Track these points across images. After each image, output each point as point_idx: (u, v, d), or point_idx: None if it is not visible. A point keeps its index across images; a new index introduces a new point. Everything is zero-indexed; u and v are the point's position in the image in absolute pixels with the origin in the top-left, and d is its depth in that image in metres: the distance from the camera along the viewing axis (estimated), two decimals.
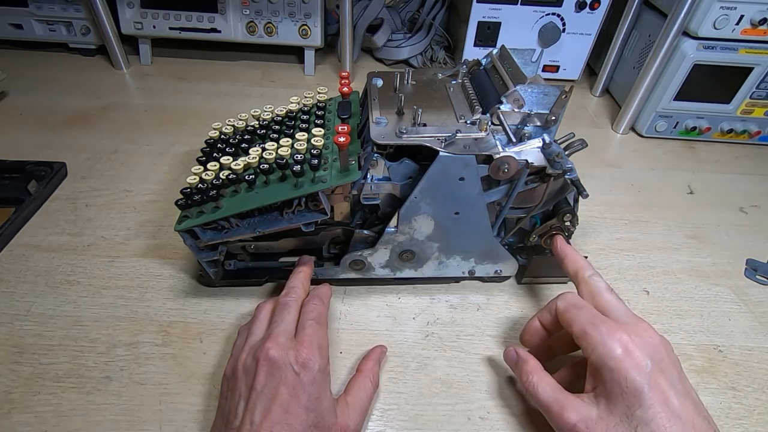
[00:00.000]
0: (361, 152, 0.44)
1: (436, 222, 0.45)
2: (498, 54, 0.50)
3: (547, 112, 0.44)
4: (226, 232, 0.43)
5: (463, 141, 0.42)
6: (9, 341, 0.44)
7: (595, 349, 0.34)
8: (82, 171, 0.65)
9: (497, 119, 0.44)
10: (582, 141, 0.45)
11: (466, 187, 0.43)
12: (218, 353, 0.44)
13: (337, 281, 0.50)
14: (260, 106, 0.54)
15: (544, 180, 0.45)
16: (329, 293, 0.43)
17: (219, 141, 0.49)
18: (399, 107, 0.45)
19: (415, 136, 0.42)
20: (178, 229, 0.42)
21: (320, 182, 0.41)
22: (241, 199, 0.43)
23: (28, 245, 0.54)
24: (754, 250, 0.60)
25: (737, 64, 0.70)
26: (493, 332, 0.48)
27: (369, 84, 0.51)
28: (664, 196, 0.69)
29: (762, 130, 0.78)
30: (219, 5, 0.85)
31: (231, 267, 0.49)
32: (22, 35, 0.90)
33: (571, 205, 0.48)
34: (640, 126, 0.80)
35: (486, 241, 0.48)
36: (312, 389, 0.34)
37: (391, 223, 0.45)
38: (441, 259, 0.49)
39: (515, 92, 0.44)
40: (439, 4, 0.98)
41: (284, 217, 0.43)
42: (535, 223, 0.49)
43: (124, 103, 0.81)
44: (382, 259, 0.48)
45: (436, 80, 0.52)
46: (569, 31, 0.87)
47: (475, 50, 0.89)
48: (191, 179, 0.43)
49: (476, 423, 0.41)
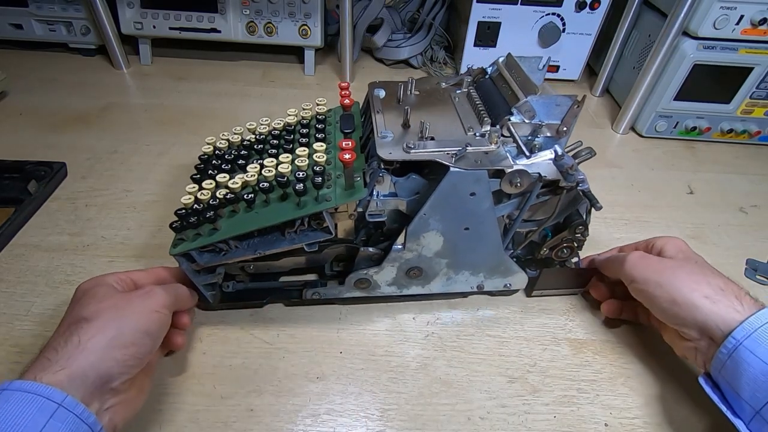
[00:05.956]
0: (366, 168, 0.43)
1: (446, 238, 0.44)
2: (504, 62, 0.49)
3: (558, 123, 0.43)
4: (225, 254, 0.41)
5: (474, 155, 0.41)
6: (9, 341, 0.44)
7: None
8: (82, 171, 0.65)
9: (507, 131, 0.42)
10: (590, 150, 0.44)
11: (476, 202, 0.41)
12: (218, 353, 0.44)
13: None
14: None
15: (556, 192, 0.44)
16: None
17: (214, 157, 0.47)
18: (405, 120, 0.44)
19: (423, 151, 0.40)
20: (173, 254, 0.40)
21: (325, 201, 0.39)
22: (241, 220, 0.41)
23: (28, 245, 0.54)
24: (754, 250, 0.60)
25: (737, 64, 0.70)
26: (493, 332, 0.48)
27: (371, 95, 0.50)
28: (664, 196, 0.69)
29: (762, 130, 0.78)
30: (219, 5, 0.85)
31: (229, 289, 0.48)
32: (22, 35, 0.90)
33: (583, 217, 0.46)
34: (640, 126, 0.80)
35: (496, 256, 0.46)
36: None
37: (398, 240, 0.43)
38: (449, 274, 0.47)
39: (527, 103, 0.42)
40: (439, 4, 0.98)
41: (286, 237, 0.41)
42: (546, 235, 0.48)
43: (124, 103, 0.81)
44: (389, 277, 0.46)
45: (440, 90, 0.51)
46: (569, 31, 0.87)
47: (475, 50, 0.89)
48: (186, 199, 0.41)
49: (476, 423, 0.41)
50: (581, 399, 0.43)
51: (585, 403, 0.43)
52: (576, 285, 0.52)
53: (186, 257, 0.41)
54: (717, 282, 0.39)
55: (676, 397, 0.44)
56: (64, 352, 0.31)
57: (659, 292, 0.40)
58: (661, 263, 0.43)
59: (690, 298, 0.38)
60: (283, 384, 0.43)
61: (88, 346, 0.32)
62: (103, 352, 0.32)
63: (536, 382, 0.44)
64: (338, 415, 0.41)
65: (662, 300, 0.40)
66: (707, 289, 0.39)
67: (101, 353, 0.32)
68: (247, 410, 0.41)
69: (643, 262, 0.43)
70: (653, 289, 0.41)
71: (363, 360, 0.45)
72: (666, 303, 0.40)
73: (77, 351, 0.31)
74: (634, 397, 0.44)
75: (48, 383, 0.29)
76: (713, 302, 0.38)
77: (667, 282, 0.40)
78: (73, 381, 0.30)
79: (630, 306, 0.48)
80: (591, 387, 0.44)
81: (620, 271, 0.44)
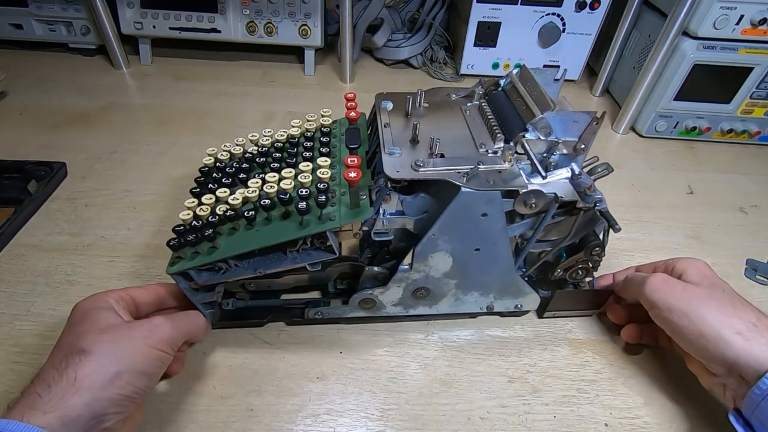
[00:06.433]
0: (372, 184, 0.41)
1: (455, 259, 0.42)
2: (518, 74, 0.46)
3: (575, 140, 0.41)
4: (224, 272, 0.40)
5: (486, 174, 0.38)
6: (9, 341, 0.44)
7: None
8: (81, 171, 0.65)
9: (522, 148, 0.40)
10: (607, 165, 0.42)
11: (488, 223, 0.39)
12: (218, 353, 0.44)
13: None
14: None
15: (572, 213, 0.41)
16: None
17: (214, 170, 0.45)
18: (413, 135, 0.42)
19: (433, 169, 0.38)
20: (170, 272, 0.38)
21: (329, 221, 0.37)
22: (241, 239, 0.39)
23: (28, 245, 0.54)
24: (754, 250, 0.60)
25: (737, 64, 0.70)
26: (493, 332, 0.48)
27: (378, 107, 0.48)
28: (664, 196, 0.69)
29: (762, 130, 0.78)
30: (219, 5, 0.85)
31: (229, 307, 0.46)
32: (22, 35, 0.90)
33: (600, 239, 0.44)
34: (640, 126, 0.80)
35: (507, 276, 0.44)
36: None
37: (405, 260, 0.41)
38: (458, 295, 0.45)
39: (543, 119, 0.40)
40: (439, 4, 0.98)
41: (288, 256, 0.40)
42: (560, 255, 0.46)
43: (123, 103, 0.81)
44: (395, 297, 0.44)
45: (450, 102, 0.49)
46: (569, 31, 0.87)
47: (475, 50, 0.89)
48: (184, 215, 0.39)
49: (476, 423, 0.41)
50: (581, 399, 0.43)
51: (585, 403, 0.43)
52: (590, 306, 0.50)
53: (184, 275, 0.39)
54: (749, 316, 0.37)
55: (676, 397, 0.44)
56: (57, 389, 0.30)
57: (685, 323, 0.38)
58: (687, 290, 0.40)
59: (720, 334, 0.36)
60: (283, 384, 0.43)
61: (84, 384, 0.30)
62: (99, 391, 0.30)
63: (536, 382, 0.44)
64: (338, 415, 0.41)
65: (688, 332, 0.38)
66: (739, 323, 0.36)
67: (97, 393, 0.30)
68: (247, 410, 0.41)
69: (666, 287, 0.40)
70: (678, 318, 0.38)
71: (363, 360, 0.45)
72: (692, 335, 0.37)
73: (72, 389, 0.30)
74: (634, 397, 0.44)
75: (38, 425, 0.28)
76: (745, 339, 0.35)
77: (694, 312, 0.38)
78: (65, 425, 0.29)
79: (650, 330, 0.45)
80: (591, 387, 0.44)
81: (640, 294, 0.42)
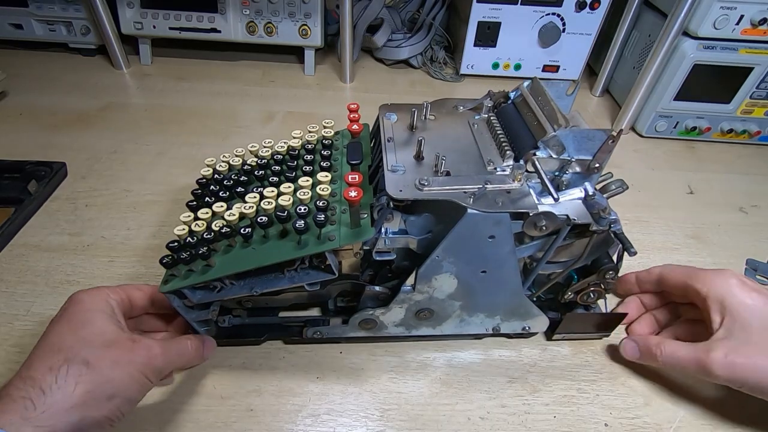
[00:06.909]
0: (374, 202, 0.39)
1: (460, 281, 0.40)
2: (529, 86, 0.44)
3: (589, 159, 0.39)
4: (219, 291, 0.38)
5: (494, 194, 0.36)
6: (9, 341, 0.44)
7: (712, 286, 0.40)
8: (82, 171, 0.65)
9: (532, 166, 0.38)
10: (621, 182, 0.40)
11: (496, 246, 0.37)
12: (218, 353, 0.44)
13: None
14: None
15: (585, 235, 0.39)
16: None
17: (212, 182, 0.45)
18: (417, 151, 0.40)
19: (438, 189, 0.37)
20: (163, 291, 0.37)
21: (328, 241, 0.36)
22: (236, 257, 0.38)
23: (28, 245, 0.54)
24: (754, 250, 0.60)
25: (737, 64, 0.70)
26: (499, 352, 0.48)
27: (381, 120, 0.46)
28: (664, 196, 0.69)
29: (762, 130, 0.78)
30: (219, 5, 0.85)
31: (225, 324, 0.44)
32: (22, 35, 0.90)
33: (613, 261, 0.42)
34: (640, 126, 0.80)
35: (515, 298, 0.42)
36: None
37: (407, 281, 0.40)
38: (463, 317, 0.43)
39: (555, 137, 0.38)
40: (439, 4, 0.98)
41: (285, 275, 0.38)
42: (571, 276, 0.44)
43: (124, 103, 0.81)
44: (396, 318, 0.43)
45: (457, 114, 0.47)
46: (569, 31, 0.87)
47: (475, 50, 0.89)
48: (179, 230, 0.38)
49: (476, 423, 0.41)
50: (581, 399, 0.43)
51: (585, 403, 0.43)
52: (601, 330, 0.48)
53: (177, 294, 0.38)
54: None
55: (676, 397, 0.44)
56: (52, 400, 0.29)
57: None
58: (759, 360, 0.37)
59: None
60: (283, 384, 0.43)
61: (80, 401, 0.30)
62: (91, 411, 0.30)
63: (536, 382, 0.44)
64: (338, 415, 0.41)
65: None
66: None
67: (89, 412, 0.30)
68: (247, 410, 0.41)
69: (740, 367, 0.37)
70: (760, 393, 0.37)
71: (363, 360, 0.45)
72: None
73: (67, 404, 0.29)
74: (634, 397, 0.44)
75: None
76: None
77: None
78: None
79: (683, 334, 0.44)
80: (591, 387, 0.44)
81: (708, 375, 0.38)
